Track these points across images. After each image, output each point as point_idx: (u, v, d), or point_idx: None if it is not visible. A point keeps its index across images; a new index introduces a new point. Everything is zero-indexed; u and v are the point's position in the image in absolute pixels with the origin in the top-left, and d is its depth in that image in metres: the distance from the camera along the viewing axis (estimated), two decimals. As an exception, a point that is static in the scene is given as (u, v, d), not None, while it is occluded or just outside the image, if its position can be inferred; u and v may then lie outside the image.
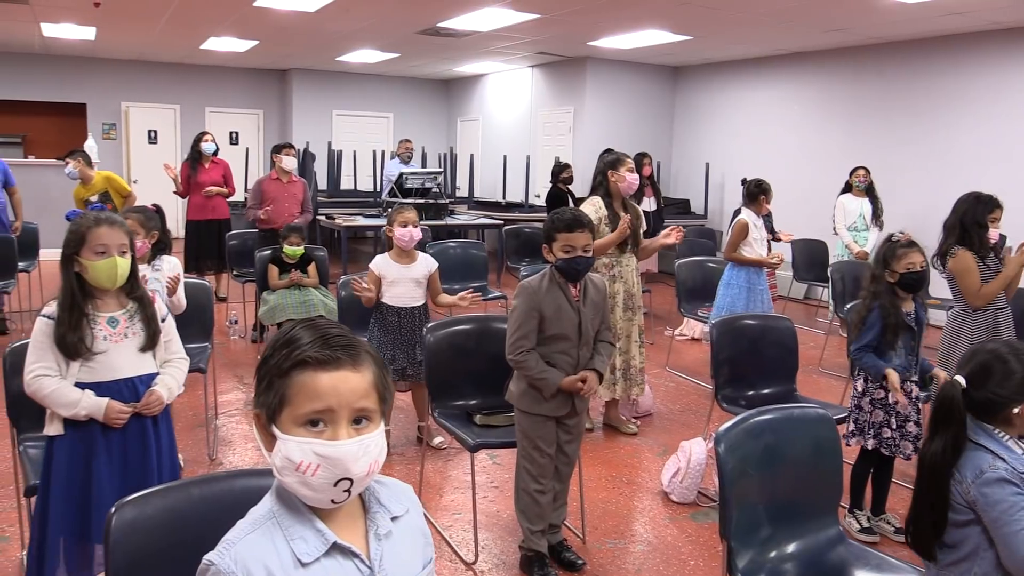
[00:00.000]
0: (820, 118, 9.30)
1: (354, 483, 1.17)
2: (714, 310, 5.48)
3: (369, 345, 1.25)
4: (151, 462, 2.48)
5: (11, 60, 11.96)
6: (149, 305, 2.49)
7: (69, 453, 2.40)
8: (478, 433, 3.28)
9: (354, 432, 1.17)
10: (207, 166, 7.41)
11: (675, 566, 3.24)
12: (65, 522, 2.40)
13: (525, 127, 12.09)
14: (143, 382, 2.47)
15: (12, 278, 6.30)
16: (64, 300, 2.36)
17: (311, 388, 1.16)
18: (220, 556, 1.16)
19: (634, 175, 4.46)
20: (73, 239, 2.37)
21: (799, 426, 2.48)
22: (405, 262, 4.21)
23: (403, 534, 1.29)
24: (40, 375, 2.35)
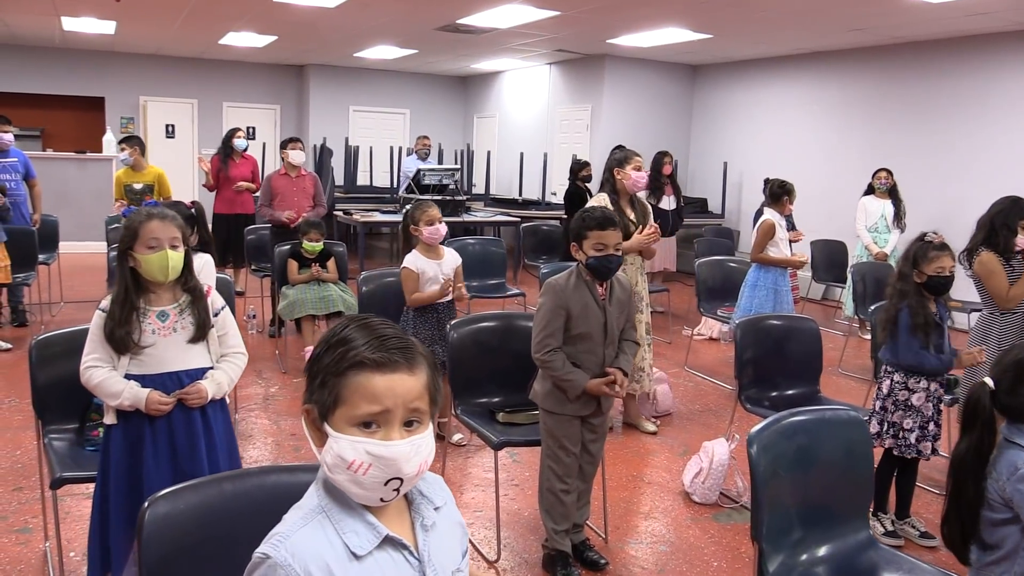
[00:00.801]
0: (840, 118, 9.23)
1: (404, 483, 1.17)
2: (739, 311, 5.43)
3: (423, 346, 1.24)
4: (200, 452, 2.49)
5: (31, 54, 12.03)
6: (202, 297, 2.50)
7: (120, 442, 2.45)
8: (501, 431, 3.26)
9: (406, 433, 1.17)
10: (237, 161, 7.44)
11: (699, 567, 3.21)
12: (119, 509, 2.44)
13: (542, 124, 12.06)
14: (190, 376, 2.48)
15: (32, 270, 6.33)
16: (118, 295, 2.40)
17: (368, 390, 1.15)
18: (275, 549, 1.14)
19: (640, 173, 4.42)
20: (127, 234, 2.40)
21: (831, 428, 2.45)
22: (435, 258, 4.21)
23: (444, 525, 1.30)
24: (91, 366, 2.40)
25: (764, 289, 5.31)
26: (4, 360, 5.63)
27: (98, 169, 10.47)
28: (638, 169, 4.42)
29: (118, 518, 2.44)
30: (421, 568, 1.21)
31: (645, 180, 4.50)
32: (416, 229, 4.17)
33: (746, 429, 4.32)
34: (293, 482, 1.68)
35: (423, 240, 4.17)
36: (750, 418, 4.08)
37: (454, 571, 1.28)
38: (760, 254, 5.32)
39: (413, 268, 4.14)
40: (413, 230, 4.20)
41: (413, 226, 4.19)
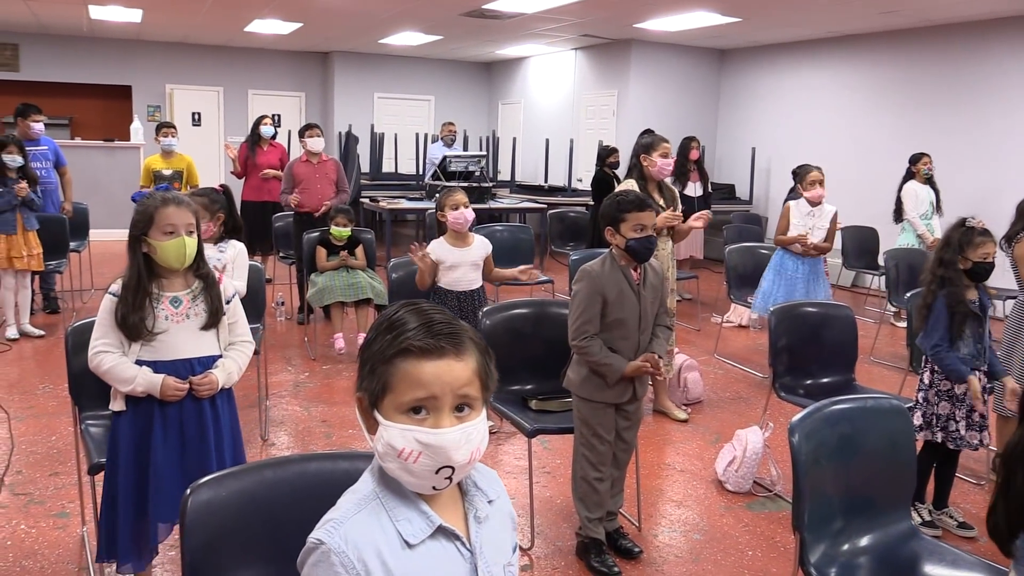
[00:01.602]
0: (871, 103, 9.09)
1: (455, 471, 1.15)
2: (758, 296, 5.37)
3: (474, 331, 1.22)
4: (208, 443, 2.47)
5: (59, 43, 12.12)
6: (214, 284, 2.47)
7: (130, 429, 2.42)
8: (534, 418, 3.24)
9: (456, 420, 1.15)
10: (265, 149, 7.45)
11: (733, 556, 3.18)
12: (128, 497, 2.42)
13: (568, 110, 11.98)
14: (202, 363, 2.45)
15: (64, 258, 6.39)
16: (130, 280, 2.36)
17: (414, 376, 1.14)
18: (329, 535, 1.14)
19: (666, 160, 4.38)
20: (141, 219, 2.36)
21: (874, 417, 2.41)
22: (461, 245, 4.17)
23: (497, 518, 1.28)
24: (101, 351, 2.36)
25: (776, 272, 5.24)
26: (38, 346, 5.70)
27: (126, 157, 10.55)
28: (665, 156, 4.37)
29: (127, 505, 2.42)
30: (472, 560, 1.20)
31: (671, 167, 4.46)
32: (442, 215, 4.15)
33: (780, 417, 4.32)
34: (334, 470, 1.68)
35: (448, 226, 4.14)
36: (783, 406, 4.05)
37: (505, 565, 1.26)
38: (777, 237, 5.27)
39: (432, 255, 4.09)
40: (440, 216, 4.18)
41: (440, 212, 4.18)
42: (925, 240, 6.94)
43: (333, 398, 4.86)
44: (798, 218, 5.18)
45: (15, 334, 5.77)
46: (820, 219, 5.18)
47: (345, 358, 5.58)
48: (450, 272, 4.12)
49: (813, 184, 5.16)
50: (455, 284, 4.13)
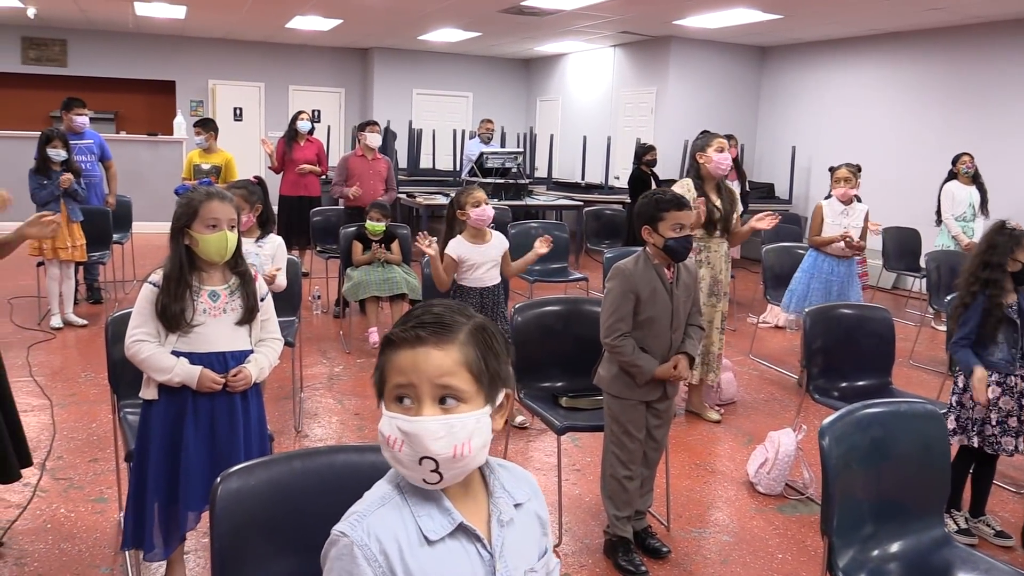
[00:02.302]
0: (916, 102, 8.92)
1: (440, 464, 1.13)
2: (788, 295, 5.29)
3: (483, 327, 1.21)
4: (238, 435, 2.51)
5: (106, 38, 12.37)
6: (250, 281, 2.51)
7: (162, 418, 2.46)
8: (564, 416, 3.24)
9: (441, 411, 1.14)
10: (302, 144, 7.52)
11: (763, 559, 3.16)
12: (158, 485, 2.46)
13: (606, 108, 11.94)
14: (235, 357, 2.49)
15: (107, 249, 6.52)
16: (172, 271, 2.39)
17: (395, 364, 1.16)
18: (352, 527, 1.16)
19: (722, 155, 4.31)
20: (185, 212, 2.40)
21: (907, 421, 2.37)
22: (480, 243, 4.14)
23: (523, 522, 1.27)
24: (139, 340, 2.40)
25: (811, 274, 5.15)
26: (81, 336, 5.83)
27: (169, 151, 10.73)
28: (720, 150, 4.30)
29: (157, 493, 2.45)
30: (492, 563, 1.20)
31: (729, 161, 4.38)
32: (463, 213, 4.09)
33: (814, 420, 4.26)
34: (361, 462, 1.69)
35: (471, 223, 4.09)
36: (818, 408, 3.99)
37: (527, 570, 1.25)
38: (812, 237, 5.18)
39: (453, 255, 4.06)
40: (460, 215, 4.11)
41: (459, 211, 4.12)
42: (960, 242, 6.81)
43: (367, 391, 4.91)
44: (831, 217, 5.09)
45: (59, 323, 5.91)
46: (853, 218, 5.07)
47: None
48: (473, 270, 4.11)
49: (838, 182, 5.06)
50: (478, 281, 4.12)
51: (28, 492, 3.39)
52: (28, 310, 6.35)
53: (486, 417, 1.18)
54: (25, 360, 5.16)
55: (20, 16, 10.67)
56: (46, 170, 5.60)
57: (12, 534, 3.05)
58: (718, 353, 4.55)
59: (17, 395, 4.50)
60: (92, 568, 2.86)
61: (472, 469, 1.20)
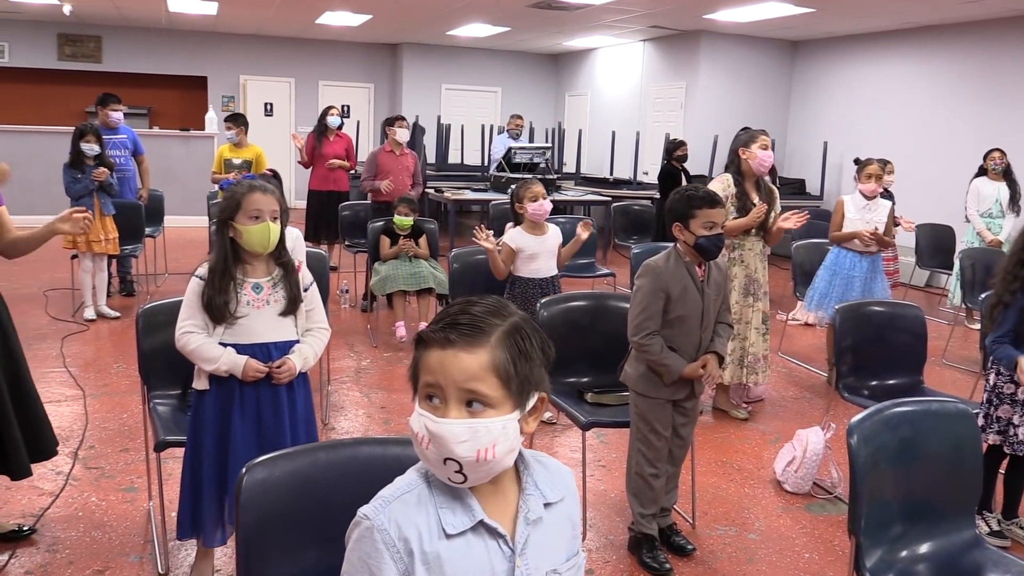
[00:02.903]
0: (950, 97, 8.77)
1: (464, 467, 1.13)
2: (811, 292, 5.22)
3: (518, 329, 1.18)
4: (284, 425, 2.54)
5: (139, 35, 12.53)
6: (293, 272, 2.54)
7: (213, 408, 2.51)
8: (590, 411, 3.23)
9: (466, 414, 1.14)
10: (331, 139, 7.57)
11: (789, 558, 3.13)
12: (210, 474, 2.51)
13: (635, 103, 11.87)
14: (279, 348, 2.52)
15: (139, 243, 6.61)
16: (217, 264, 2.44)
17: (424, 363, 1.17)
18: (375, 512, 1.17)
19: (766, 152, 4.26)
20: (229, 205, 2.43)
21: (938, 421, 2.33)
22: (539, 234, 4.22)
23: (553, 522, 1.25)
24: (187, 331, 2.45)
25: (832, 271, 5.08)
26: (113, 327, 5.91)
27: (201, 146, 10.86)
28: (764, 148, 4.26)
29: (209, 481, 2.51)
30: (513, 559, 1.19)
31: (771, 159, 4.33)
32: (521, 206, 4.20)
33: (843, 418, 4.21)
34: (384, 454, 1.70)
35: (528, 217, 4.18)
36: (847, 407, 3.95)
37: (549, 570, 1.23)
38: (832, 233, 5.09)
39: (511, 244, 4.16)
40: (518, 207, 4.22)
41: (518, 204, 4.21)
42: (983, 238, 6.70)
43: (393, 385, 4.93)
44: (853, 212, 4.99)
45: (92, 315, 6.00)
46: (876, 213, 4.96)
47: (406, 346, 5.65)
48: (530, 261, 4.18)
49: (869, 178, 4.97)
50: (536, 272, 4.18)
51: (61, 480, 3.45)
52: (62, 302, 6.46)
53: (513, 423, 1.16)
54: (59, 351, 5.25)
55: (56, 13, 10.84)
56: (80, 164, 5.69)
57: (45, 521, 3.11)
58: (761, 355, 4.49)
59: (51, 385, 4.62)
60: (122, 556, 2.90)
61: (498, 472, 1.19)
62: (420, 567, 1.15)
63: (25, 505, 3.22)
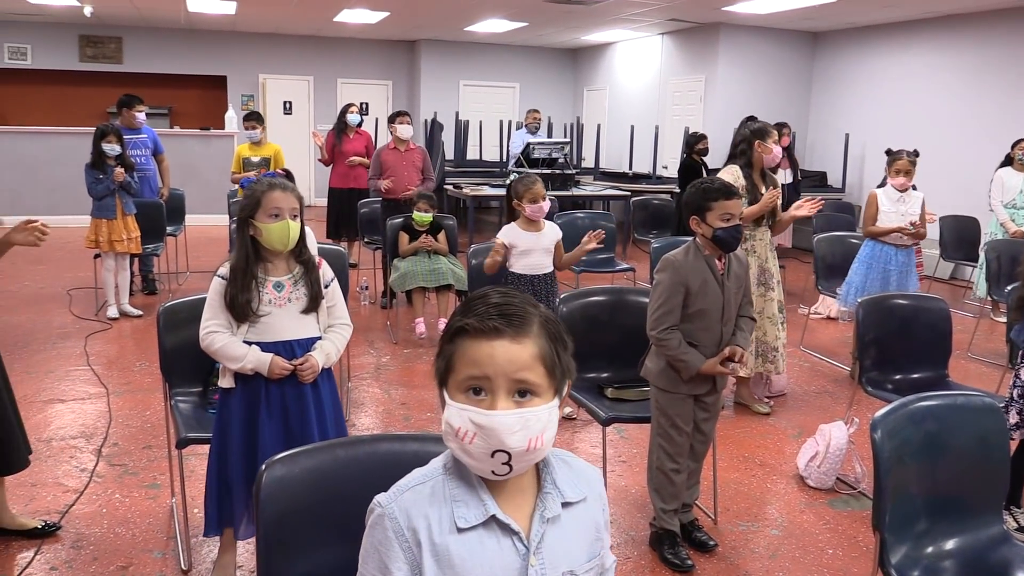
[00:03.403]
0: (974, 86, 8.65)
1: (513, 457, 1.12)
2: (845, 287, 5.19)
3: (550, 317, 1.19)
4: (310, 422, 2.55)
5: (159, 35, 12.61)
6: (314, 269, 2.55)
7: (239, 405, 2.52)
8: (609, 407, 3.22)
9: (515, 404, 1.13)
10: (351, 136, 7.59)
11: (812, 554, 3.10)
12: (237, 470, 2.53)
13: (653, 96, 11.81)
14: (302, 345, 2.53)
15: (161, 241, 6.66)
16: (238, 262, 2.45)
17: (470, 355, 1.14)
18: (388, 499, 1.18)
19: (779, 148, 4.28)
20: (249, 203, 2.44)
21: (964, 415, 2.30)
22: (533, 230, 4.18)
23: (573, 522, 1.23)
24: (212, 331, 2.46)
25: (868, 264, 5.04)
26: (136, 326, 5.97)
27: (221, 145, 10.92)
28: (776, 143, 4.28)
29: (238, 478, 2.53)
30: (527, 557, 1.17)
31: (781, 155, 4.35)
32: (519, 204, 4.14)
33: (866, 413, 4.15)
34: (403, 451, 1.70)
35: (525, 216, 4.14)
36: (870, 401, 3.90)
37: (566, 571, 1.21)
38: (868, 227, 5.05)
39: (505, 240, 4.13)
40: (516, 204, 4.16)
41: (516, 200, 4.16)
42: (1007, 228, 6.60)
43: (413, 381, 4.94)
44: (888, 205, 4.95)
45: (115, 314, 6.06)
46: (910, 205, 4.92)
47: (425, 342, 5.66)
48: (524, 257, 4.15)
49: (898, 174, 4.93)
50: (528, 268, 4.16)
51: (85, 477, 3.48)
52: (86, 301, 6.52)
53: (556, 409, 1.17)
54: (83, 349, 5.31)
55: (77, 15, 10.94)
56: (101, 165, 5.74)
57: (69, 518, 3.14)
58: (776, 345, 4.46)
59: (75, 383, 4.67)
60: (145, 552, 2.93)
61: (539, 460, 1.20)
62: (429, 558, 1.15)
63: (50, 502, 3.26)
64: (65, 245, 8.65)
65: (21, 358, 5.08)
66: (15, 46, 12.20)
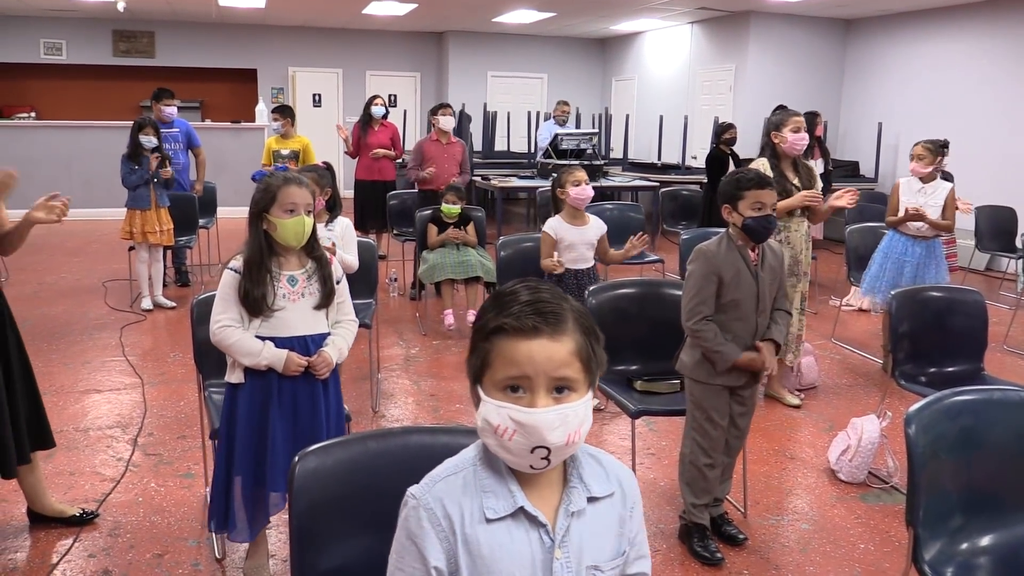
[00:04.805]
0: (1012, 73, 8.47)
1: (552, 452, 1.14)
2: (866, 279, 5.12)
3: (581, 311, 1.20)
4: (320, 416, 2.56)
5: (190, 29, 12.74)
6: (326, 265, 2.55)
7: (248, 401, 2.51)
8: (639, 399, 3.21)
9: (553, 401, 1.14)
10: (376, 128, 7.60)
11: (844, 548, 3.07)
12: (245, 468, 2.52)
13: (683, 86, 11.72)
14: (314, 341, 2.53)
15: (193, 234, 6.74)
16: (252, 256, 2.44)
17: (508, 355, 1.15)
18: (422, 490, 1.21)
19: (798, 135, 4.18)
20: (264, 197, 2.44)
21: (1000, 410, 2.26)
22: (579, 224, 4.19)
23: (599, 517, 1.25)
24: (225, 325, 2.45)
25: (884, 254, 4.99)
26: (170, 317, 6.05)
27: (252, 138, 11.02)
28: (796, 130, 4.18)
29: (246, 475, 2.51)
30: (552, 549, 1.19)
31: (805, 141, 4.25)
32: (563, 192, 4.17)
33: (899, 406, 4.13)
34: (434, 443, 1.71)
35: (569, 202, 4.15)
36: (903, 395, 3.86)
37: (590, 565, 1.22)
38: (888, 217, 4.99)
39: (551, 233, 4.14)
40: (560, 193, 4.19)
41: (560, 189, 4.18)
42: None
43: (442, 373, 4.96)
44: (908, 195, 4.88)
45: (149, 305, 6.14)
46: (932, 196, 4.82)
47: (454, 334, 5.68)
48: (568, 251, 4.15)
49: (911, 159, 4.87)
50: (573, 263, 4.16)
51: (121, 467, 3.54)
52: (121, 292, 6.62)
53: (590, 402, 1.19)
54: (118, 340, 5.39)
55: (111, 10, 11.07)
56: (137, 156, 5.82)
57: (107, 506, 3.20)
58: (797, 334, 4.43)
59: (111, 373, 4.75)
60: (180, 541, 2.97)
61: (574, 452, 1.21)
62: (461, 548, 1.17)
63: (88, 491, 3.32)
64: (101, 237, 8.79)
65: (58, 349, 5.18)
66: (51, 42, 12.39)
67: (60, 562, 2.82)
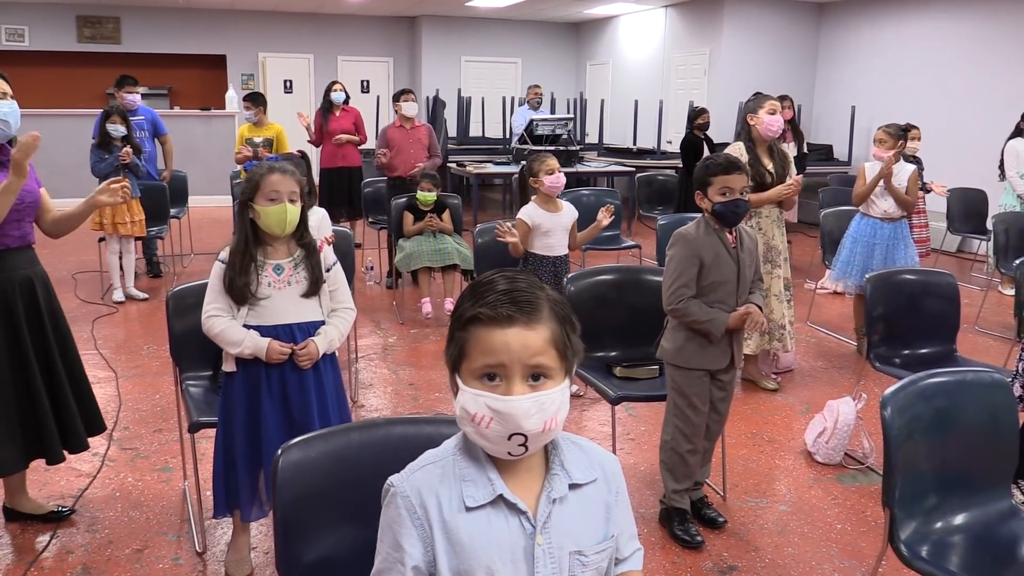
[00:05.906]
0: (983, 57, 8.57)
1: (529, 439, 1.16)
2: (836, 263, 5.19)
3: (557, 299, 1.21)
4: (311, 405, 2.56)
5: (157, 14, 12.53)
6: (315, 252, 2.54)
7: (241, 389, 2.54)
8: (618, 385, 3.22)
9: (529, 388, 1.16)
10: (338, 115, 7.50)
11: (821, 529, 3.12)
12: (244, 452, 2.55)
13: (657, 71, 11.73)
14: (302, 329, 2.53)
15: (164, 224, 6.65)
16: (237, 246, 2.45)
17: (484, 343, 1.16)
18: (400, 479, 1.23)
19: (773, 117, 4.21)
20: (249, 186, 2.45)
21: (973, 391, 2.30)
22: (553, 210, 4.18)
23: (581, 503, 1.26)
24: (212, 315, 2.47)
25: (854, 238, 5.06)
26: (142, 309, 5.98)
27: (222, 125, 10.88)
28: (772, 112, 4.21)
29: (243, 460, 2.55)
30: (534, 536, 1.20)
31: (781, 123, 4.28)
32: (536, 180, 4.14)
33: (874, 388, 4.19)
34: (417, 434, 1.71)
35: (543, 191, 4.13)
36: (878, 377, 3.91)
37: (573, 551, 1.22)
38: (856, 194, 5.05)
39: (527, 220, 4.13)
40: (533, 182, 4.16)
41: (532, 178, 4.16)
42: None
43: (420, 361, 4.95)
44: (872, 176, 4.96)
45: (121, 297, 6.06)
46: (896, 178, 4.91)
47: (432, 322, 5.67)
48: (544, 237, 4.14)
49: (874, 143, 4.96)
50: (549, 249, 4.15)
51: (97, 462, 3.51)
52: (91, 285, 6.53)
53: (567, 389, 1.20)
54: (91, 333, 5.32)
55: (76, -5, 10.87)
56: (107, 145, 5.73)
57: (83, 502, 3.17)
58: (786, 322, 4.45)
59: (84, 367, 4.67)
60: (160, 535, 2.95)
61: (552, 439, 1.23)
62: (440, 536, 1.18)
63: (63, 486, 3.28)
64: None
65: (30, 342, 5.09)
66: (12, 28, 12.13)
67: (37, 559, 2.79)
